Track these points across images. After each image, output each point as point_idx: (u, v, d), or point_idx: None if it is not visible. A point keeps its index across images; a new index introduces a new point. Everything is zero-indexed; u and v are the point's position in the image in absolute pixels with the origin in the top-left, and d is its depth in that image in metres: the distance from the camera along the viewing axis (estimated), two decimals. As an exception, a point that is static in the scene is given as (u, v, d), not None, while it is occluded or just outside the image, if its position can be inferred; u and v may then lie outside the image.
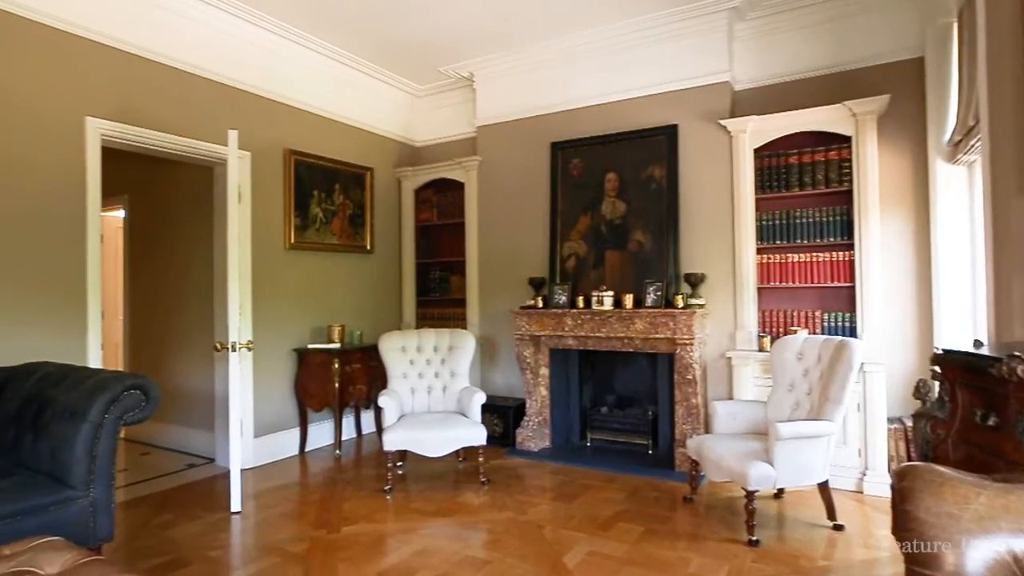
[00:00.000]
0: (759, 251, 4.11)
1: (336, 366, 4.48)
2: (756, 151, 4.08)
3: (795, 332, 3.79)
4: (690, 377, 3.99)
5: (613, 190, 4.57)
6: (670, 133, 4.36)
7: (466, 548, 2.93)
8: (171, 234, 4.94)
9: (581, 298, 4.45)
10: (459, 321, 5.38)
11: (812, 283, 3.94)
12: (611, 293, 4.31)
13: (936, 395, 1.92)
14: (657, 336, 4.08)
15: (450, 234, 5.55)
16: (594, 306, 4.32)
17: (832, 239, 3.88)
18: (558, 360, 4.72)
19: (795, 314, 4.01)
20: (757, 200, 4.10)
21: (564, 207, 4.76)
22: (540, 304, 4.58)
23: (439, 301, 5.62)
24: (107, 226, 5.16)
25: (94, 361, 3.46)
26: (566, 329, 4.43)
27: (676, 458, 4.06)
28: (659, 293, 4.17)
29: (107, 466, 2.47)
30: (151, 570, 2.70)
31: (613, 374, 4.84)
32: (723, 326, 4.20)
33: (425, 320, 5.64)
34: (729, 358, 4.08)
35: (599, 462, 4.26)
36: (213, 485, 3.94)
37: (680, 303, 4.03)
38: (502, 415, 4.78)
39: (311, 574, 2.67)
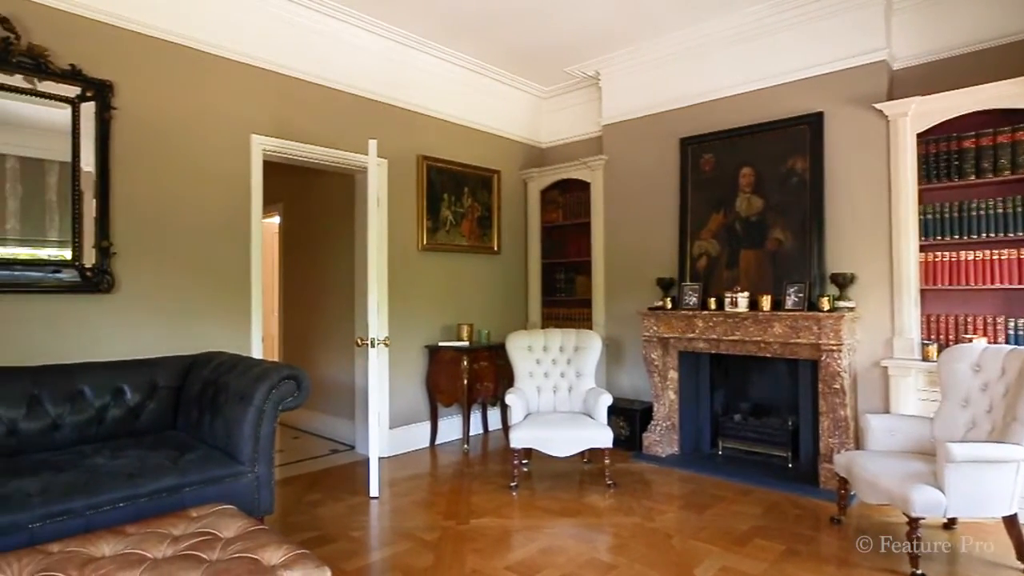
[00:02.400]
0: (922, 248, 3.66)
1: (465, 363, 4.64)
2: (919, 136, 3.63)
3: (970, 340, 3.32)
4: (837, 387, 3.65)
5: (748, 185, 4.30)
6: (814, 121, 4.01)
7: (592, 550, 2.90)
8: (317, 238, 5.40)
9: (713, 299, 4.23)
10: (585, 322, 5.35)
11: (991, 284, 3.43)
12: (746, 294, 4.06)
13: None
14: (799, 341, 3.78)
15: (576, 234, 5.54)
16: (727, 308, 4.10)
17: (1019, 233, 3.35)
18: (687, 363, 4.53)
19: (969, 320, 3.51)
20: (920, 191, 3.65)
21: (694, 205, 4.56)
22: (669, 305, 4.42)
23: (565, 301, 5.62)
24: (265, 231, 5.75)
25: (256, 352, 3.86)
26: (696, 331, 4.24)
27: (821, 474, 3.73)
28: (801, 295, 3.86)
29: (268, 446, 2.75)
30: (303, 543, 2.96)
31: (748, 380, 4.56)
32: (877, 332, 3.79)
33: (551, 320, 5.67)
34: (885, 367, 3.67)
35: (732, 472, 4.02)
36: (354, 470, 4.24)
37: (826, 305, 3.70)
38: (628, 418, 4.68)
39: (442, 562, 2.78)
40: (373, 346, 3.74)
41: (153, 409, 3.05)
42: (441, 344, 4.82)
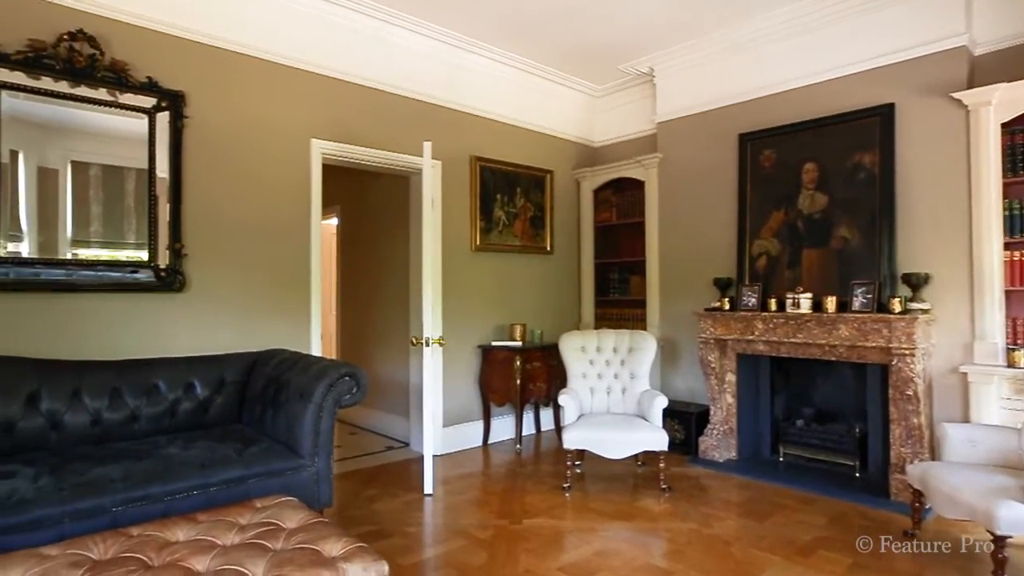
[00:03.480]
0: (1007, 246, 3.42)
1: (518, 363, 4.65)
2: (1004, 126, 3.40)
3: (1060, 345, 3.08)
4: (910, 393, 3.45)
5: (812, 182, 4.13)
6: (884, 113, 3.81)
7: (646, 555, 2.85)
8: (373, 239, 5.52)
9: (773, 300, 4.09)
10: (638, 322, 5.27)
11: (1085, 285, 3.18)
12: (809, 295, 3.90)
13: None
14: (867, 344, 3.60)
15: (629, 234, 5.46)
16: (788, 309, 3.95)
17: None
18: (746, 366, 4.39)
19: (1059, 323, 3.26)
20: (1005, 185, 3.42)
21: (754, 203, 4.42)
22: (726, 306, 4.30)
23: (618, 302, 5.55)
24: (324, 232, 5.93)
25: (315, 349, 3.98)
26: (756, 333, 4.10)
27: (892, 485, 3.54)
28: (869, 296, 3.67)
29: (328, 442, 2.83)
30: (360, 537, 3.02)
31: (811, 384, 4.37)
32: (955, 335, 3.57)
33: (604, 321, 5.62)
34: (964, 373, 3.45)
35: (794, 480, 3.87)
36: (408, 467, 4.31)
37: (897, 307, 3.51)
38: (684, 421, 4.57)
39: (496, 560, 2.79)
40: (428, 345, 3.80)
41: (220, 403, 3.20)
42: (494, 344, 4.85)
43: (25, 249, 2.96)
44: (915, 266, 3.70)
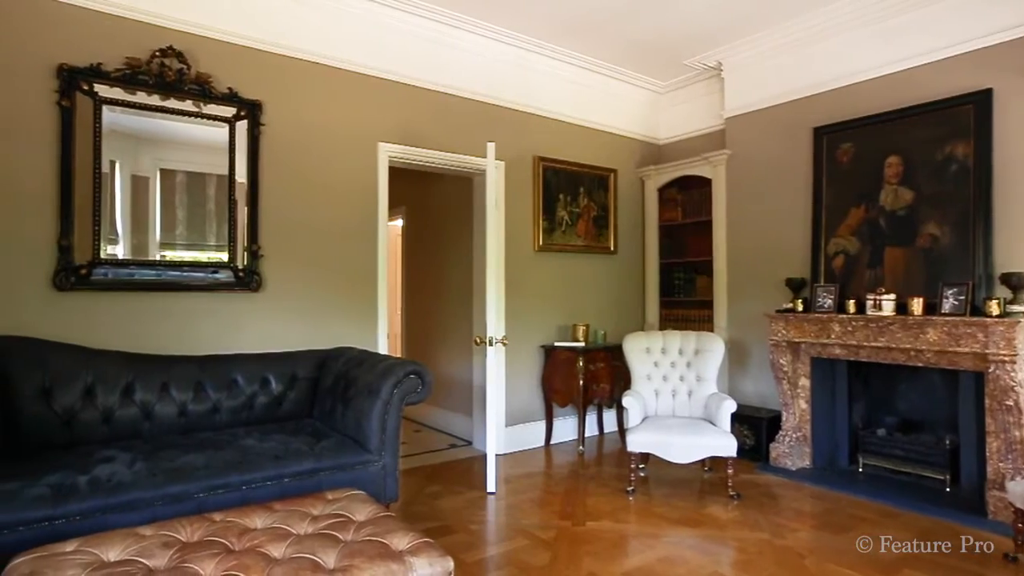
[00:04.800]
0: (1123, 243, 3.10)
1: (580, 364, 4.61)
2: (1119, 111, 3.09)
3: None
4: (1010, 403, 3.19)
5: (895, 176, 3.88)
6: (980, 100, 3.54)
7: (714, 564, 2.76)
8: (437, 239, 5.62)
9: (851, 302, 3.87)
10: (705, 323, 5.12)
11: None
12: (892, 296, 3.68)
13: None
14: (959, 350, 3.35)
15: (695, 233, 5.32)
16: (869, 311, 3.73)
17: None
18: (821, 371, 4.18)
19: None
20: (1121, 176, 3.10)
21: (830, 199, 4.20)
22: (800, 308, 4.11)
23: (684, 302, 5.42)
24: (390, 233, 6.08)
25: (382, 348, 4.09)
26: (832, 336, 3.90)
27: (989, 503, 3.28)
28: (962, 297, 3.42)
29: (394, 438, 2.90)
30: (425, 532, 3.08)
31: (894, 391, 4.12)
32: (1061, 340, 3.27)
33: (669, 322, 5.49)
34: (1072, 382, 3.16)
35: (874, 492, 3.65)
36: (471, 465, 4.36)
37: (994, 310, 3.25)
38: (753, 426, 4.40)
39: (558, 562, 2.77)
40: (491, 345, 3.83)
41: (293, 398, 3.33)
42: (556, 344, 4.83)
43: (120, 251, 3.19)
44: (1016, 266, 3.41)
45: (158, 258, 3.29)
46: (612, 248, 5.40)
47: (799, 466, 4.14)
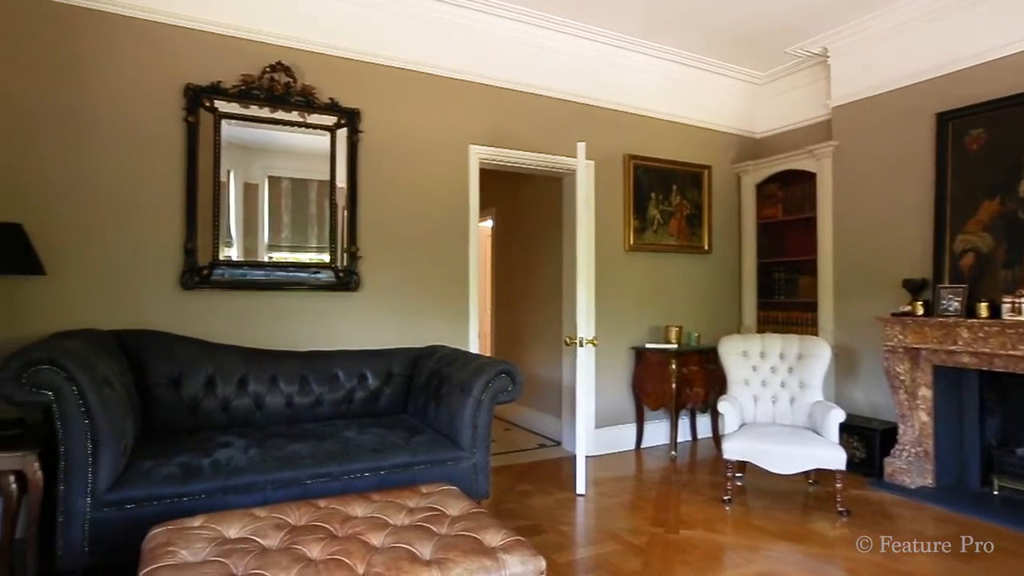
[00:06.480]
0: None
1: (673, 366, 4.47)
2: None
3: None
4: None
5: (1037, 163, 3.47)
6: None
7: (822, 584, 2.58)
8: (526, 240, 5.64)
9: (983, 305, 3.49)
10: (808, 327, 4.81)
11: None
12: (1033, 298, 3.28)
13: None
14: (1118, 359, 2.93)
15: (797, 230, 5.01)
16: (1006, 315, 3.35)
17: None
18: (945, 380, 3.81)
19: None
20: None
21: (956, 191, 3.82)
22: (919, 311, 3.76)
23: (784, 304, 5.12)
24: (480, 234, 6.18)
25: (473, 347, 4.16)
26: (959, 343, 3.54)
27: None
28: (1122, 299, 2.99)
29: (485, 436, 2.93)
30: (516, 530, 3.10)
31: (1034, 406, 3.68)
32: None
33: (767, 324, 5.21)
34: None
35: (1013, 519, 3.27)
36: (560, 466, 4.34)
37: None
38: (864, 438, 4.08)
39: (650, 569, 2.69)
40: (581, 346, 3.79)
41: (389, 394, 3.46)
42: (648, 346, 4.71)
43: (234, 253, 3.44)
44: None
45: (266, 259, 3.53)
46: (706, 247, 5.20)
47: (919, 484, 3.79)
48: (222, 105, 3.38)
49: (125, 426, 2.34)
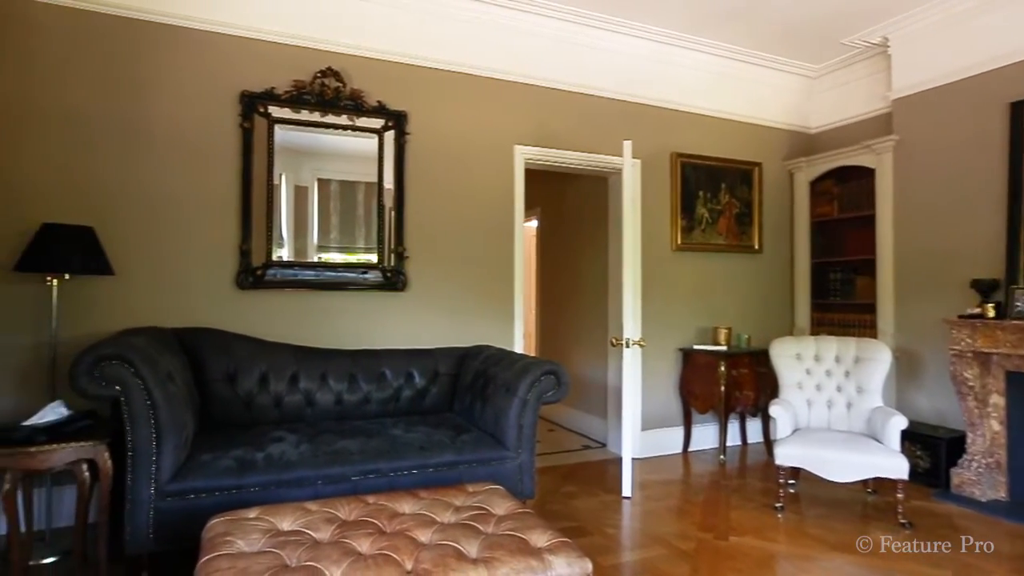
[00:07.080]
0: None
1: (722, 369, 4.36)
2: None
3: None
4: None
5: (1123, 154, 3.23)
6: None
7: (883, 598, 2.46)
8: (571, 240, 5.61)
9: (1061, 306, 3.28)
10: (865, 329, 4.61)
11: None
12: (1119, 299, 3.05)
13: None
14: None
15: (855, 229, 4.81)
16: (1086, 317, 3.13)
17: None
18: (1020, 388, 3.58)
19: None
20: None
21: (1030, 185, 3.59)
22: (990, 313, 3.55)
23: (840, 306, 4.93)
24: (525, 234, 6.18)
25: (518, 347, 4.16)
26: (1034, 346, 3.32)
27: None
28: None
29: (530, 436, 2.93)
30: (561, 531, 3.08)
31: (1120, 415, 3.42)
32: None
33: (822, 326, 5.02)
34: None
35: (1094, 535, 3.05)
36: (605, 468, 4.29)
37: None
38: (929, 447, 3.88)
39: (699, 575, 2.64)
40: (628, 347, 3.74)
41: (435, 393, 3.50)
42: (696, 347, 4.61)
43: (285, 254, 3.54)
44: None
45: (316, 260, 3.62)
46: (756, 247, 5.05)
47: (991, 497, 3.58)
48: (275, 110, 3.49)
49: (186, 419, 2.44)
